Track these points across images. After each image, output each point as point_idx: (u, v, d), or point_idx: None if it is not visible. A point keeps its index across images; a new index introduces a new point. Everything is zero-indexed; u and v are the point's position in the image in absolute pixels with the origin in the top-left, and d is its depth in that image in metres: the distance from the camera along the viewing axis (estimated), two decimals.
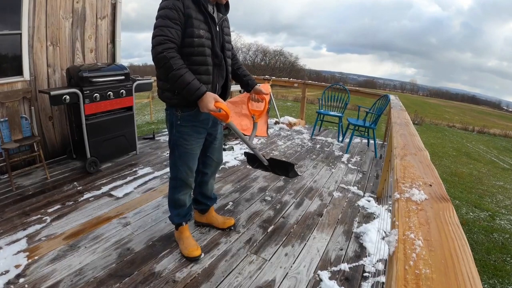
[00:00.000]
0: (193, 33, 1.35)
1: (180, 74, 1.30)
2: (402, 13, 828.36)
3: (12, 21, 2.43)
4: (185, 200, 1.67)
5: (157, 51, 1.29)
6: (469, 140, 12.53)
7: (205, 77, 1.44)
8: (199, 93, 1.33)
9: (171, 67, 1.29)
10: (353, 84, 68.00)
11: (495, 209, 4.64)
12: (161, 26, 1.30)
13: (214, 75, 1.49)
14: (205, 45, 1.40)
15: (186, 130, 1.51)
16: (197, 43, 1.37)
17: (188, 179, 1.61)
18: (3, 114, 2.43)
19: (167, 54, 1.28)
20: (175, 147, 1.56)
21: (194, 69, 1.38)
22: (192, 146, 1.55)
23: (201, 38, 1.37)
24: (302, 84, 5.47)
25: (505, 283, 2.77)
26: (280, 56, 41.37)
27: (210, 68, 1.45)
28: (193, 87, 1.32)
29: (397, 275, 0.47)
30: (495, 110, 55.28)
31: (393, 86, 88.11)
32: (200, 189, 1.83)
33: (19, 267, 1.49)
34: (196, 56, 1.39)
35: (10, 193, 2.24)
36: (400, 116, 2.26)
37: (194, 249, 1.63)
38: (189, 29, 1.35)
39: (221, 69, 1.53)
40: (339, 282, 1.53)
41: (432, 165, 0.99)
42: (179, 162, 1.57)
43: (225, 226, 1.91)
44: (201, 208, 1.90)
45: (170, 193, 1.66)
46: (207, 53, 1.42)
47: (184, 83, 1.31)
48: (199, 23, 1.37)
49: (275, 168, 1.91)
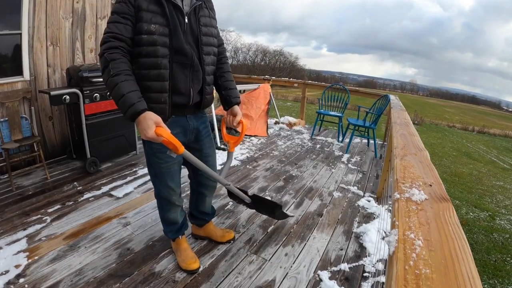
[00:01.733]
0: (141, 29, 1.10)
1: (115, 83, 1.03)
2: (403, 13, 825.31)
3: (12, 21, 2.43)
4: (175, 217, 1.53)
5: (100, 52, 1.09)
6: (469, 140, 12.53)
7: (158, 84, 1.16)
8: (133, 111, 1.01)
9: (109, 72, 1.04)
10: (353, 84, 68.05)
11: (495, 209, 4.65)
12: (109, 22, 1.11)
13: (179, 79, 1.20)
14: (158, 43, 1.12)
15: (158, 146, 1.24)
16: (147, 41, 1.11)
17: (171, 198, 1.43)
18: (3, 114, 2.43)
19: (108, 55, 1.05)
20: (149, 166, 1.38)
21: (144, 74, 1.15)
22: (167, 164, 1.33)
23: (151, 35, 1.11)
24: (302, 84, 5.47)
25: (505, 283, 2.77)
26: (280, 56, 41.39)
27: (165, 72, 1.16)
28: (127, 101, 1.01)
29: (397, 275, 0.47)
30: (495, 110, 55.28)
31: (393, 86, 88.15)
32: (196, 206, 1.68)
33: (19, 267, 1.48)
34: (145, 57, 1.13)
35: (10, 193, 2.24)
36: (400, 116, 2.26)
37: (192, 261, 1.54)
38: (138, 24, 1.11)
39: (195, 70, 1.24)
40: (339, 282, 1.53)
41: (432, 165, 0.99)
42: (157, 181, 1.40)
43: (224, 239, 1.76)
44: (198, 223, 1.76)
45: (159, 212, 1.54)
46: (160, 53, 1.13)
47: (118, 95, 1.03)
48: (151, 16, 1.11)
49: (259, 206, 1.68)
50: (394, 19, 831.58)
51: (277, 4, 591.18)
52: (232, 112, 1.40)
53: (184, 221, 1.62)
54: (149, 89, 1.16)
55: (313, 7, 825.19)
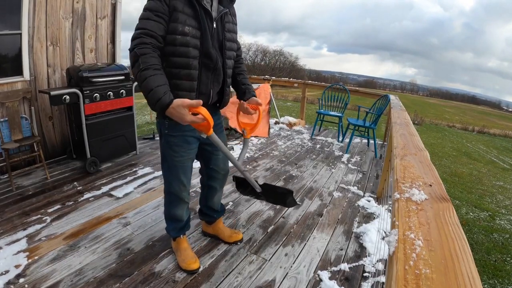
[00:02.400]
0: (176, 29, 1.14)
1: (144, 77, 1.06)
2: (403, 13, 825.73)
3: (12, 21, 2.43)
4: (181, 215, 1.54)
5: (130, 47, 1.11)
6: (469, 140, 12.53)
7: (187, 84, 1.22)
8: (161, 105, 1.05)
9: (138, 66, 1.07)
10: (353, 84, 68.09)
11: (495, 209, 4.65)
12: (141, 18, 1.13)
13: (202, 80, 1.26)
14: (190, 45, 1.18)
15: (175, 140, 1.34)
16: (180, 42, 1.16)
17: (181, 193, 1.46)
18: (3, 114, 2.43)
19: (138, 50, 1.08)
20: (164, 159, 1.42)
21: (174, 72, 1.19)
22: (181, 158, 1.38)
23: (185, 36, 1.16)
24: (302, 84, 5.47)
25: (505, 283, 2.77)
26: (280, 56, 41.44)
27: (195, 73, 1.22)
28: (154, 96, 1.06)
29: (397, 275, 0.47)
30: (495, 110, 55.31)
31: (393, 86, 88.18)
32: (206, 201, 1.70)
33: (19, 267, 1.48)
34: (177, 57, 1.18)
35: (10, 193, 2.24)
36: (400, 116, 2.26)
37: (192, 262, 1.54)
38: (172, 24, 1.14)
39: (217, 73, 1.31)
40: (339, 282, 1.53)
41: (432, 165, 0.99)
42: (170, 176, 1.43)
43: (231, 240, 1.77)
44: (207, 220, 1.80)
45: (165, 208, 1.56)
46: (192, 55, 1.19)
47: (146, 89, 1.06)
48: (185, 17, 1.15)
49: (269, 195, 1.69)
50: (394, 19, 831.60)
51: (277, 4, 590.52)
52: (251, 101, 1.44)
53: (187, 220, 1.62)
54: (178, 87, 1.21)
55: (314, 7, 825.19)
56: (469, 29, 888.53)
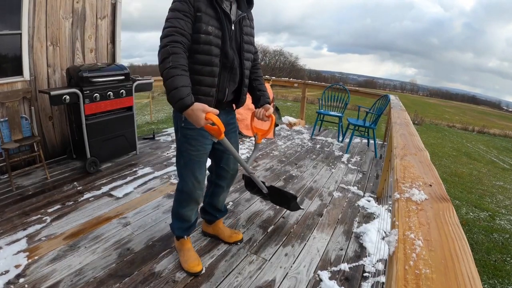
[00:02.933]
0: (200, 29, 1.22)
1: (171, 74, 1.12)
2: (404, 13, 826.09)
3: (12, 21, 2.43)
4: (190, 216, 1.54)
5: (162, 44, 1.16)
6: (469, 140, 12.53)
7: (209, 79, 1.29)
8: (182, 105, 1.12)
9: (168, 63, 1.13)
10: (353, 84, 68.11)
11: (495, 209, 4.64)
12: (170, 18, 1.19)
13: (221, 78, 1.33)
14: (213, 44, 1.25)
15: (192, 133, 1.37)
16: (204, 40, 1.23)
17: (195, 192, 1.46)
18: (3, 114, 2.43)
19: (171, 48, 1.14)
20: (180, 154, 1.44)
21: (198, 69, 1.26)
22: (198, 152, 1.41)
23: (208, 35, 1.23)
24: (302, 84, 5.47)
25: (505, 283, 2.77)
26: (280, 56, 41.45)
27: (216, 70, 1.29)
28: (177, 94, 1.11)
29: (397, 275, 0.47)
30: (495, 110, 55.33)
31: (393, 86, 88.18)
32: (210, 200, 1.70)
33: (19, 267, 1.48)
34: (201, 54, 1.25)
35: (10, 193, 2.24)
36: (400, 116, 2.26)
37: (195, 263, 1.53)
38: (196, 23, 1.22)
39: (233, 73, 1.37)
40: (339, 282, 1.53)
41: (432, 165, 0.99)
42: (185, 172, 1.44)
43: (231, 240, 1.77)
44: (208, 219, 1.79)
45: (175, 206, 1.54)
46: (214, 53, 1.26)
47: (171, 86, 1.12)
48: (208, 18, 1.23)
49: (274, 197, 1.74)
50: (395, 19, 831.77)
51: (278, 4, 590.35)
52: (265, 107, 1.50)
53: (195, 221, 1.61)
54: (201, 83, 1.28)
55: (314, 7, 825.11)
56: (470, 29, 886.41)
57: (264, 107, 1.49)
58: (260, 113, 1.48)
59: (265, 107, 1.49)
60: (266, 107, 1.49)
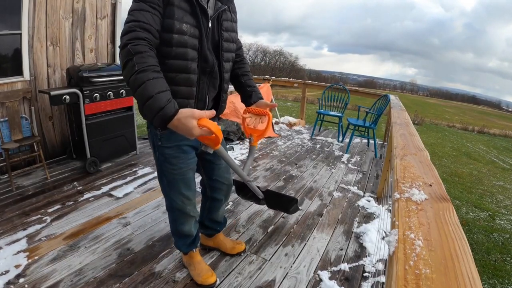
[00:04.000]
0: (172, 27, 0.98)
1: (142, 80, 0.87)
2: (404, 14, 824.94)
3: (12, 21, 2.43)
4: (190, 230, 1.41)
5: (122, 43, 0.92)
6: (469, 140, 12.53)
7: (185, 90, 1.08)
8: (164, 117, 0.87)
9: (133, 67, 0.88)
10: (353, 84, 68.14)
11: (495, 209, 4.64)
12: (133, 10, 0.96)
13: (200, 85, 1.13)
14: (188, 45, 1.03)
15: (170, 151, 1.19)
16: (177, 42, 1.01)
17: (185, 208, 1.32)
18: (3, 114, 2.43)
19: (132, 47, 0.89)
20: (161, 174, 1.27)
21: (171, 77, 1.03)
22: (181, 171, 1.23)
23: (183, 35, 1.01)
24: (302, 84, 5.47)
25: (505, 283, 2.77)
26: (280, 56, 41.47)
27: (194, 78, 1.09)
28: (154, 104, 0.87)
29: (397, 275, 0.47)
30: (495, 110, 55.34)
31: (393, 86, 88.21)
32: (209, 214, 1.57)
33: (19, 267, 1.48)
34: (174, 59, 1.03)
35: (10, 193, 2.24)
36: (400, 116, 2.26)
37: (209, 275, 1.44)
38: (167, 20, 0.98)
39: (213, 77, 1.17)
40: (339, 282, 1.53)
41: (432, 165, 0.98)
42: (170, 191, 1.28)
43: (233, 251, 1.67)
44: (209, 233, 1.67)
45: (172, 226, 1.42)
46: (190, 57, 1.05)
47: (144, 96, 0.87)
48: (182, 13, 1.00)
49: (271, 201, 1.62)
50: (395, 19, 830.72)
51: (278, 4, 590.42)
52: (259, 104, 1.32)
53: (197, 233, 1.51)
54: (176, 94, 1.05)
55: (315, 7, 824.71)
56: (470, 29, 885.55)
57: (257, 104, 1.32)
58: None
59: (260, 104, 1.31)
60: (260, 104, 1.31)
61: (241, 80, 1.36)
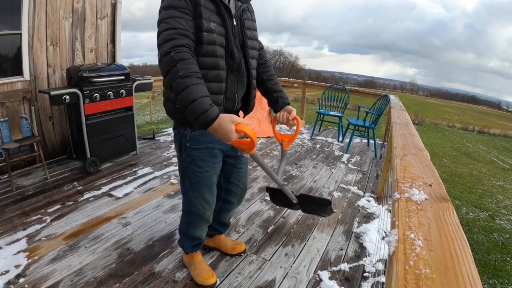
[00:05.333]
0: (201, 26, 1.03)
1: (185, 85, 0.93)
2: (405, 14, 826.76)
3: (12, 21, 2.43)
4: (201, 234, 1.42)
5: (163, 51, 0.97)
6: (469, 140, 12.52)
7: (216, 86, 1.11)
8: (207, 119, 0.93)
9: (177, 73, 0.93)
10: (353, 84, 68.13)
11: (495, 209, 4.64)
12: (166, 18, 0.99)
13: (229, 83, 1.15)
14: (217, 43, 1.07)
15: (199, 153, 1.21)
16: (207, 40, 1.04)
17: (205, 213, 1.32)
18: (3, 114, 2.43)
19: (175, 54, 0.94)
20: (185, 175, 1.27)
21: (202, 74, 1.05)
22: (207, 174, 1.24)
23: (211, 33, 1.05)
24: (302, 84, 5.47)
25: (505, 283, 2.77)
26: (280, 56, 41.44)
27: (223, 74, 1.12)
28: (198, 107, 0.92)
29: (397, 275, 0.47)
30: (495, 110, 55.37)
31: (393, 86, 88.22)
32: (217, 215, 1.55)
33: (19, 267, 1.48)
34: (205, 56, 1.06)
35: (10, 193, 2.24)
36: (400, 116, 2.26)
37: (209, 275, 1.43)
38: (197, 20, 1.03)
39: (241, 74, 1.19)
40: (339, 282, 1.53)
41: (432, 165, 0.99)
42: (192, 194, 1.28)
43: (234, 252, 1.66)
44: (211, 233, 1.65)
45: (183, 227, 1.41)
46: (219, 54, 1.09)
47: (188, 99, 0.93)
48: (209, 13, 1.05)
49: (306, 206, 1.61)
50: (396, 20, 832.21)
51: (279, 4, 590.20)
52: (287, 109, 1.32)
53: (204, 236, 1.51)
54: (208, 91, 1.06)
55: (316, 7, 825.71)
56: (471, 29, 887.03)
57: (286, 110, 1.31)
58: (283, 117, 1.30)
59: (287, 109, 1.31)
60: (288, 109, 1.30)
61: (267, 85, 1.36)
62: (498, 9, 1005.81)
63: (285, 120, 1.30)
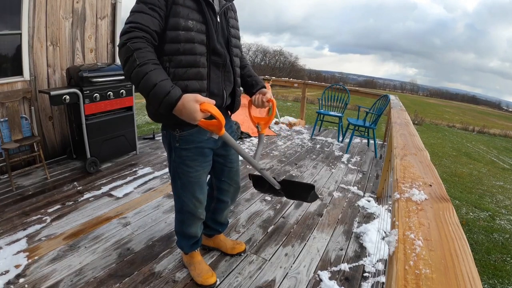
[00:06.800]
0: (178, 25, 1.04)
1: (143, 72, 0.93)
2: (406, 14, 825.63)
3: (12, 21, 2.43)
4: (196, 231, 1.43)
5: (120, 42, 0.97)
6: (469, 140, 12.52)
7: (196, 84, 1.11)
8: (171, 100, 0.92)
9: (134, 62, 0.93)
10: (353, 84, 68.13)
11: (495, 209, 4.64)
12: (134, 11, 1.01)
13: (214, 79, 1.16)
14: (196, 41, 1.08)
15: (188, 154, 1.21)
16: (184, 38, 1.05)
17: (196, 211, 1.34)
18: (3, 114, 2.43)
19: (131, 44, 0.94)
20: (176, 176, 1.28)
21: (181, 73, 1.08)
22: (197, 173, 1.26)
23: (189, 31, 1.06)
24: (302, 84, 5.47)
25: (505, 283, 2.77)
26: (280, 56, 41.46)
27: (204, 71, 1.12)
28: (159, 91, 0.92)
29: (397, 275, 0.47)
30: (495, 110, 55.36)
31: (393, 86, 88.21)
32: (213, 215, 1.57)
33: (19, 267, 1.48)
34: (183, 54, 1.07)
35: (10, 193, 2.24)
36: (400, 116, 2.26)
37: (209, 275, 1.44)
38: (173, 19, 1.03)
39: (227, 70, 1.21)
40: (339, 282, 1.53)
41: (432, 165, 0.99)
42: (183, 193, 1.30)
43: (234, 252, 1.67)
44: (210, 234, 1.67)
45: (178, 226, 1.43)
46: (199, 51, 1.09)
47: (148, 85, 0.92)
48: (188, 11, 1.05)
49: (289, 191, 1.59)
50: (397, 20, 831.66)
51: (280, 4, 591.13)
52: (262, 92, 1.33)
53: (201, 233, 1.52)
54: (187, 89, 1.08)
55: (316, 7, 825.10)
56: (472, 30, 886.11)
57: (261, 92, 1.33)
58: (258, 99, 1.31)
59: (262, 91, 1.33)
60: (262, 91, 1.32)
61: (241, 72, 1.37)
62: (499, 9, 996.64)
63: (260, 103, 1.31)
